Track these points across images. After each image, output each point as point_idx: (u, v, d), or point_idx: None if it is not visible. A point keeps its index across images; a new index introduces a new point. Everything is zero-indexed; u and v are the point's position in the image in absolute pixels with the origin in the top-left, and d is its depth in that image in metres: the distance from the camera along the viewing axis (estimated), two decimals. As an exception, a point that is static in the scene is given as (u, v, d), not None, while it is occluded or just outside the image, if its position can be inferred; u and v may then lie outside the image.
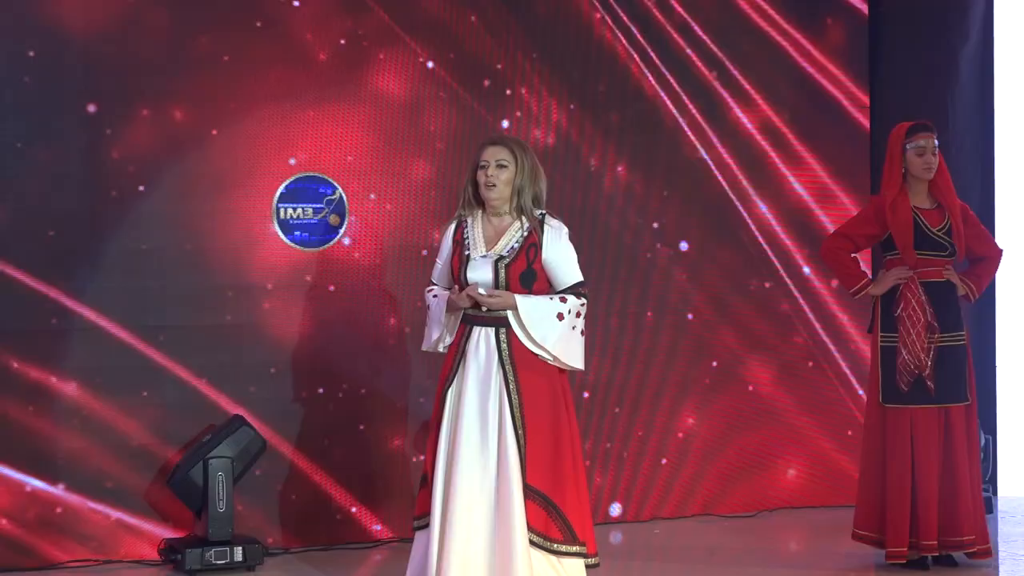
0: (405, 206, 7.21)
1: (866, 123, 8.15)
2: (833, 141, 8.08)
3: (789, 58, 8.02)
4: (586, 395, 7.55)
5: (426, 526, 5.39)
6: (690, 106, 7.81)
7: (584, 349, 5.45)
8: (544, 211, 5.47)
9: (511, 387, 5.33)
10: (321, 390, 7.07)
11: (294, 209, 7.04)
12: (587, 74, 7.65)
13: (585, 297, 5.40)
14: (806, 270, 8.06)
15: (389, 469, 7.21)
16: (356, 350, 7.16)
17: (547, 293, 5.43)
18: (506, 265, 5.35)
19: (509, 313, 5.37)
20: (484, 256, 5.40)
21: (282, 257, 7.03)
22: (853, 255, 6.71)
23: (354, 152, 7.14)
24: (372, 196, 7.13)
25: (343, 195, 7.13)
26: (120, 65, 6.73)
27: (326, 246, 7.07)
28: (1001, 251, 6.83)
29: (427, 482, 5.41)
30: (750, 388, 7.95)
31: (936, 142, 6.49)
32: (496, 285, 5.35)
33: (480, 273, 5.36)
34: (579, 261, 5.46)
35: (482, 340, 5.37)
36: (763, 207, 7.98)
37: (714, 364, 7.87)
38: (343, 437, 7.16)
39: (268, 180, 6.99)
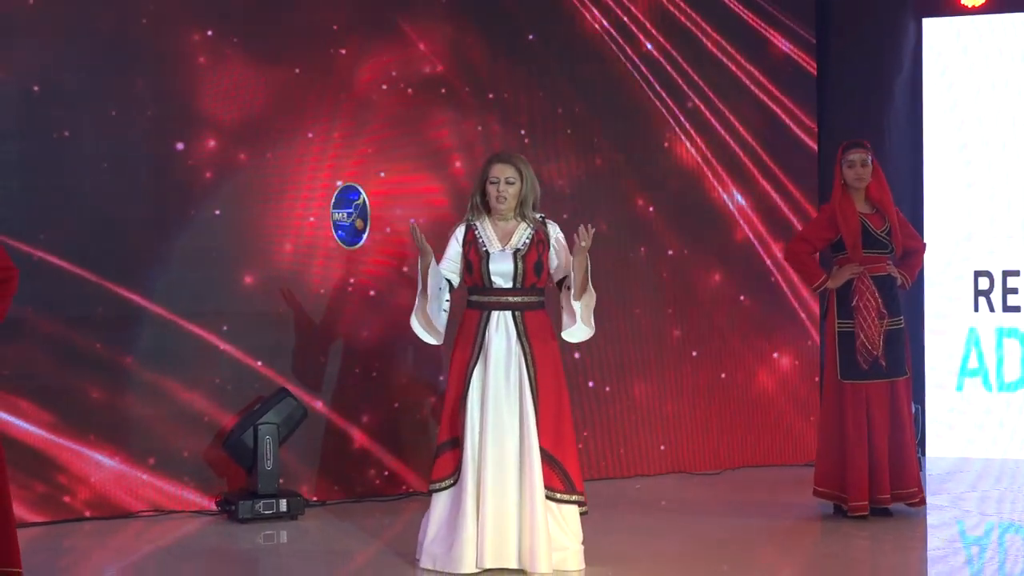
0: (430, 217, 7.44)
1: (813, 143, 8.57)
2: (789, 157, 8.51)
3: (752, 92, 8.49)
4: (591, 384, 7.98)
5: (447, 487, 5.73)
6: (680, 119, 8.23)
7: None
8: (542, 214, 5.84)
9: (528, 359, 5.68)
10: (357, 370, 7.46)
11: (338, 213, 7.38)
12: (589, 106, 8.04)
13: None
14: (771, 278, 8.47)
15: (415, 435, 7.56)
16: (387, 338, 7.49)
17: (549, 282, 5.84)
18: (522, 256, 5.70)
19: (572, 272, 5.65)
20: (502, 251, 5.73)
21: (328, 259, 7.41)
22: (813, 255, 6.99)
23: (385, 169, 7.53)
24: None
25: (366, 200, 7.42)
26: (200, 112, 7.18)
27: (356, 246, 7.42)
28: (925, 244, 7.25)
29: (457, 445, 5.69)
30: (723, 376, 8.37)
31: (868, 156, 6.84)
32: (515, 274, 5.70)
33: (501, 264, 5.71)
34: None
35: (501, 322, 5.72)
36: (742, 212, 8.38)
37: (694, 354, 8.30)
38: (375, 408, 7.48)
39: (313, 192, 7.38)
